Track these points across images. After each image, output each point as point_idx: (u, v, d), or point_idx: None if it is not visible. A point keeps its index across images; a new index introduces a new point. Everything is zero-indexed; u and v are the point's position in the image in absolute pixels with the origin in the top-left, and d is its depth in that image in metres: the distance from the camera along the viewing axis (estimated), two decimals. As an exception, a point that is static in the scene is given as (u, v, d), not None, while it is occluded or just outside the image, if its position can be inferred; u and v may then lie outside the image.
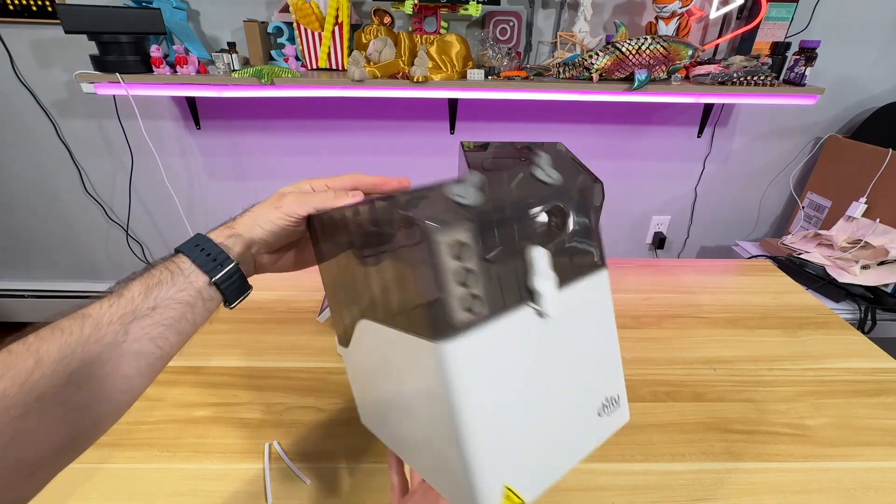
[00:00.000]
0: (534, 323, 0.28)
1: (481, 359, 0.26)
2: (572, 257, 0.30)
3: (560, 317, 0.29)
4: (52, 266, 1.73)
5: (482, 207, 0.26)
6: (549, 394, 0.29)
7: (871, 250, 1.22)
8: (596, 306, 0.32)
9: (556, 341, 0.29)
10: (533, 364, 0.28)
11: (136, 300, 0.29)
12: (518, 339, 0.27)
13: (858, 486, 0.49)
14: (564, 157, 0.31)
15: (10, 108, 1.41)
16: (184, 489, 0.46)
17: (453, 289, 0.24)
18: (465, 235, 0.25)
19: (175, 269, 0.31)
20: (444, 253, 0.24)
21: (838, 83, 1.46)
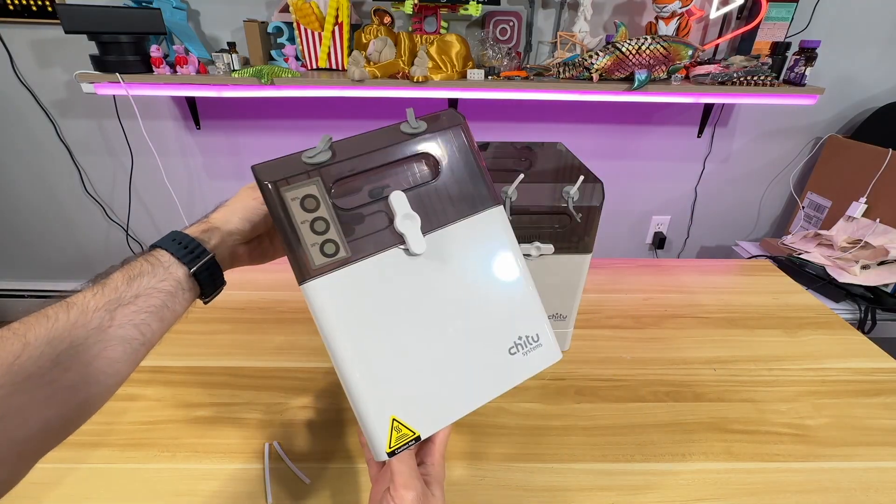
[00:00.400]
0: (405, 262, 0.30)
1: (347, 296, 0.29)
2: (450, 199, 0.32)
3: (435, 256, 0.30)
4: (52, 266, 1.73)
5: (330, 163, 0.29)
6: (438, 332, 0.31)
7: (871, 250, 1.22)
8: (488, 244, 0.33)
9: (440, 281, 0.31)
10: (412, 303, 0.30)
11: (120, 289, 0.30)
12: (388, 277, 0.30)
13: (858, 486, 0.49)
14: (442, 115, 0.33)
15: (10, 108, 1.41)
16: (184, 489, 0.46)
17: (305, 236, 0.29)
18: (310, 189, 0.28)
19: (155, 262, 0.32)
20: (289, 206, 0.28)
21: (838, 83, 1.46)
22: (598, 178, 0.54)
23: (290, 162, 0.30)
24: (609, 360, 0.66)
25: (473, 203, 0.33)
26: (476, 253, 0.32)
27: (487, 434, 0.54)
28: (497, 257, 0.33)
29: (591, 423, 0.56)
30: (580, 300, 0.62)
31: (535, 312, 0.34)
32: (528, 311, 0.34)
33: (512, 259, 0.34)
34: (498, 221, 0.33)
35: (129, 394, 0.58)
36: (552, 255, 0.55)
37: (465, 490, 0.47)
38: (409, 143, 0.31)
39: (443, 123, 0.32)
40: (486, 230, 0.33)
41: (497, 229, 0.33)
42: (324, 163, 0.29)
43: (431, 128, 0.32)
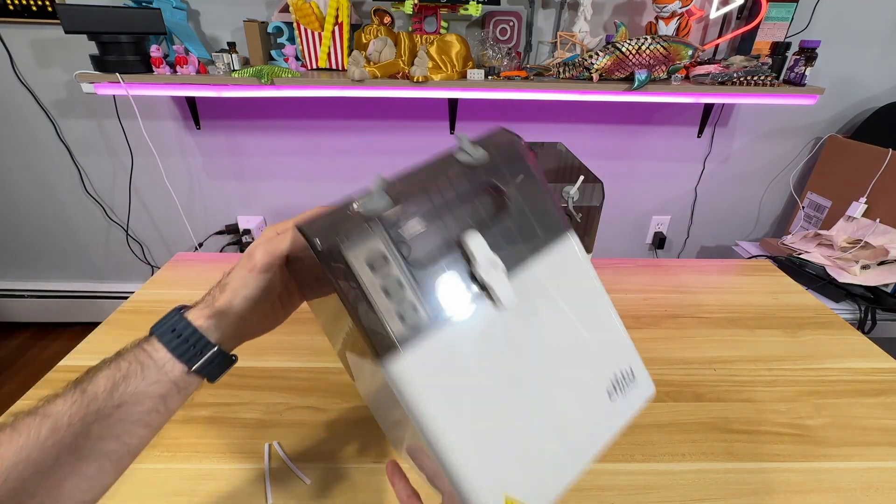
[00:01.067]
0: (493, 317, 0.25)
1: (436, 369, 0.24)
2: (522, 233, 0.27)
3: (523, 302, 0.26)
4: (52, 266, 1.73)
5: (391, 211, 0.24)
6: (538, 390, 0.27)
7: (871, 250, 1.22)
8: (570, 276, 0.29)
9: (530, 330, 0.26)
10: (506, 361, 0.26)
11: (100, 398, 0.27)
12: (477, 338, 0.25)
13: (858, 486, 0.49)
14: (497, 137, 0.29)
15: (10, 108, 1.41)
16: (184, 489, 0.46)
17: (379, 303, 0.23)
18: (375, 244, 0.23)
19: (146, 360, 0.29)
20: (356, 269, 0.22)
21: (838, 83, 1.46)
22: (598, 178, 0.54)
23: (340, 214, 0.24)
24: (609, 360, 0.66)
25: (546, 232, 0.28)
26: (559, 289, 0.28)
27: (487, 434, 0.54)
28: (581, 289, 0.29)
29: (591, 423, 0.55)
30: (580, 300, 0.62)
31: (626, 344, 0.31)
32: (618, 344, 0.31)
33: (596, 288, 0.30)
34: (573, 248, 0.29)
35: (129, 394, 0.58)
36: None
37: (465, 490, 0.47)
38: (473, 175, 0.27)
39: (503, 147, 0.28)
40: (564, 261, 0.29)
41: (574, 257, 0.29)
42: (383, 210, 0.24)
43: (492, 154, 0.27)
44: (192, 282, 0.79)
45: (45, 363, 1.58)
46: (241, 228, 1.64)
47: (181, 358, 0.30)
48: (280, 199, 1.62)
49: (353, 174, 1.60)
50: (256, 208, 1.64)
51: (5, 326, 1.73)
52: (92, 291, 1.74)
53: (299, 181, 1.60)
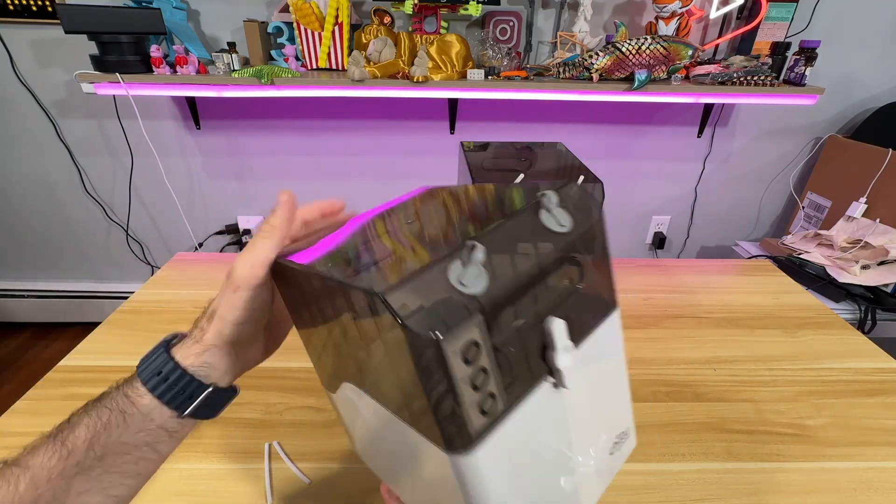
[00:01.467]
0: (552, 397, 0.25)
1: (501, 458, 0.23)
2: (584, 308, 0.26)
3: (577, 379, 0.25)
4: (52, 266, 1.73)
5: (490, 292, 0.21)
6: (569, 457, 0.27)
7: (871, 250, 1.22)
8: (609, 351, 0.29)
9: (573, 405, 0.26)
10: (554, 436, 0.26)
11: (80, 450, 0.25)
12: (538, 421, 0.24)
13: (858, 486, 0.49)
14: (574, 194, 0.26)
15: (10, 108, 1.41)
16: (184, 489, 0.46)
17: (467, 396, 0.20)
18: (475, 334, 0.20)
19: (129, 408, 0.26)
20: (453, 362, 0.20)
21: (838, 83, 1.46)
22: (598, 178, 0.54)
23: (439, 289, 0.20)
24: (609, 360, 0.66)
25: (603, 308, 0.27)
26: (600, 363, 0.28)
27: (487, 434, 0.54)
28: (614, 361, 0.29)
29: (591, 423, 0.55)
30: (580, 300, 0.62)
31: (629, 406, 0.31)
32: (624, 407, 0.31)
33: (622, 358, 0.30)
34: (617, 324, 0.29)
35: (129, 394, 0.57)
36: (552, 255, 0.55)
37: (465, 490, 0.47)
38: (558, 245, 0.24)
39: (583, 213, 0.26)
40: (607, 335, 0.27)
41: (617, 333, 0.29)
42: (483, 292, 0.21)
43: (575, 220, 0.25)
44: (192, 282, 0.79)
45: (45, 363, 1.58)
46: (241, 228, 1.64)
47: (169, 405, 0.27)
48: (280, 199, 1.62)
49: (354, 174, 1.60)
50: (256, 208, 1.64)
51: (5, 326, 1.73)
52: (92, 291, 1.74)
53: (299, 181, 1.60)
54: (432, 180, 1.39)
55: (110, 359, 0.39)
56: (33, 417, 0.54)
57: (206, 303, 0.30)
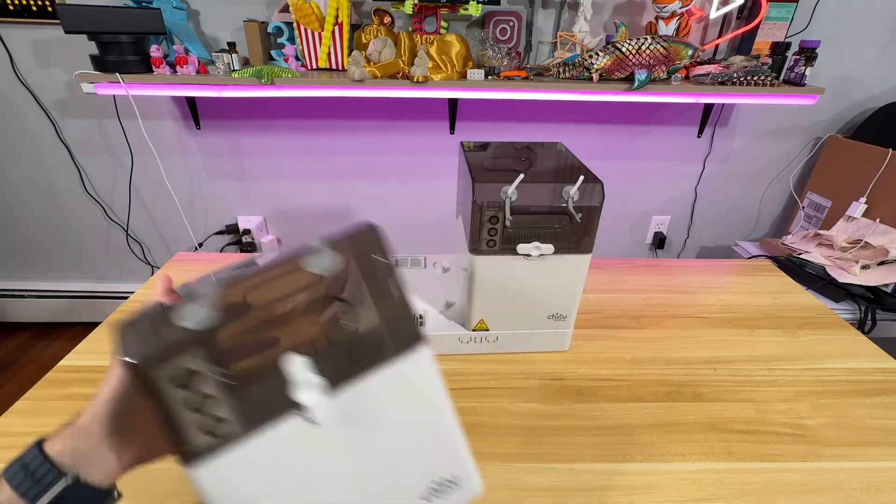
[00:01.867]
0: (308, 431, 0.25)
1: (242, 477, 0.25)
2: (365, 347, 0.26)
3: (344, 419, 0.26)
4: (52, 266, 1.73)
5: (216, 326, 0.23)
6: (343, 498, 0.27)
7: (871, 250, 1.22)
8: (412, 389, 0.28)
9: (348, 443, 0.27)
10: (316, 472, 0.26)
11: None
12: (289, 450, 0.25)
13: (858, 486, 0.49)
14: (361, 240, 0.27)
15: (10, 108, 1.41)
16: (184, 489, 0.46)
17: (184, 417, 0.23)
18: (189, 362, 0.22)
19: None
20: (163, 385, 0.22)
21: (838, 83, 1.46)
22: (598, 178, 0.54)
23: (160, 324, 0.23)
24: (609, 360, 0.66)
25: (396, 345, 0.27)
26: (394, 403, 0.28)
27: (487, 434, 0.54)
28: (418, 406, 0.29)
29: (591, 423, 0.56)
30: (580, 300, 0.62)
31: (457, 452, 0.31)
32: (446, 453, 0.30)
33: (436, 405, 0.29)
34: (423, 363, 0.28)
35: (129, 394, 0.57)
36: (552, 255, 0.55)
37: (465, 490, 0.47)
38: (320, 286, 0.25)
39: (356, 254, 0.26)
40: (411, 373, 0.28)
41: (421, 373, 0.28)
42: (208, 329, 0.23)
43: (342, 263, 0.26)
44: (192, 282, 0.79)
45: (45, 363, 1.58)
46: (241, 228, 1.64)
47: (24, 496, 0.24)
48: (280, 199, 1.62)
49: (353, 174, 1.60)
50: (256, 208, 1.64)
51: (5, 326, 1.73)
52: (92, 291, 1.74)
53: (299, 181, 1.60)
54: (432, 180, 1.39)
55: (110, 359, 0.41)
56: (33, 417, 0.54)
57: None
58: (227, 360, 0.24)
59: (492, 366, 0.64)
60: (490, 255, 0.56)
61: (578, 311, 0.63)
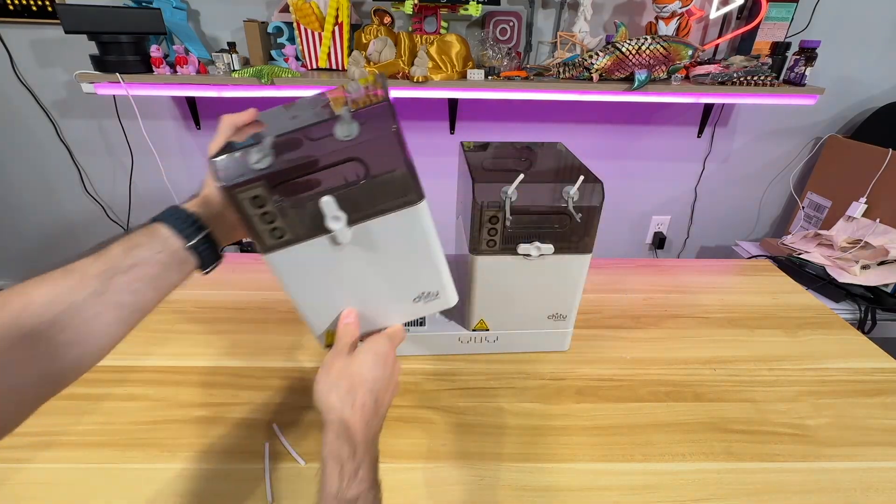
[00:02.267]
0: (333, 247, 0.38)
1: (294, 265, 0.39)
2: (378, 196, 0.37)
3: (360, 241, 0.38)
4: (53, 266, 1.72)
5: (273, 169, 0.33)
6: (360, 288, 0.42)
7: (871, 250, 1.22)
8: (406, 233, 0.39)
9: (361, 257, 0.39)
10: (340, 270, 0.40)
11: (117, 258, 0.32)
12: (321, 255, 0.38)
13: (858, 486, 0.49)
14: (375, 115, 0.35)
15: (10, 108, 1.41)
16: (184, 489, 0.46)
17: (259, 226, 0.35)
18: (257, 191, 0.34)
19: (153, 234, 0.34)
20: (243, 204, 0.34)
21: (838, 83, 1.46)
22: (598, 178, 0.54)
23: (240, 164, 0.34)
24: (609, 360, 0.66)
25: (400, 200, 0.37)
26: (395, 240, 0.39)
27: (487, 434, 0.54)
28: (414, 244, 0.40)
29: (591, 423, 0.56)
30: (580, 300, 0.62)
31: (438, 277, 0.43)
32: (431, 276, 0.43)
33: (427, 244, 0.41)
34: (418, 215, 0.38)
35: (129, 394, 0.58)
36: (552, 255, 0.55)
37: (465, 490, 0.47)
38: (343, 150, 0.34)
39: (376, 127, 0.34)
40: (405, 223, 0.38)
41: (416, 222, 0.39)
42: (266, 169, 0.33)
43: (364, 132, 0.34)
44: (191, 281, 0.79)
45: (45, 363, 1.57)
46: (241, 228, 1.64)
47: (181, 234, 0.35)
48: (280, 199, 1.62)
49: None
50: (256, 208, 1.64)
51: (5, 326, 1.73)
52: (92, 291, 1.74)
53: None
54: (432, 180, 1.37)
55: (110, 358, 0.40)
56: (34, 417, 0.54)
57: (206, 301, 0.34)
58: (282, 192, 0.34)
59: (492, 366, 0.64)
60: (490, 255, 0.56)
61: (578, 311, 0.63)
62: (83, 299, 0.30)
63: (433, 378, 0.62)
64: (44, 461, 0.48)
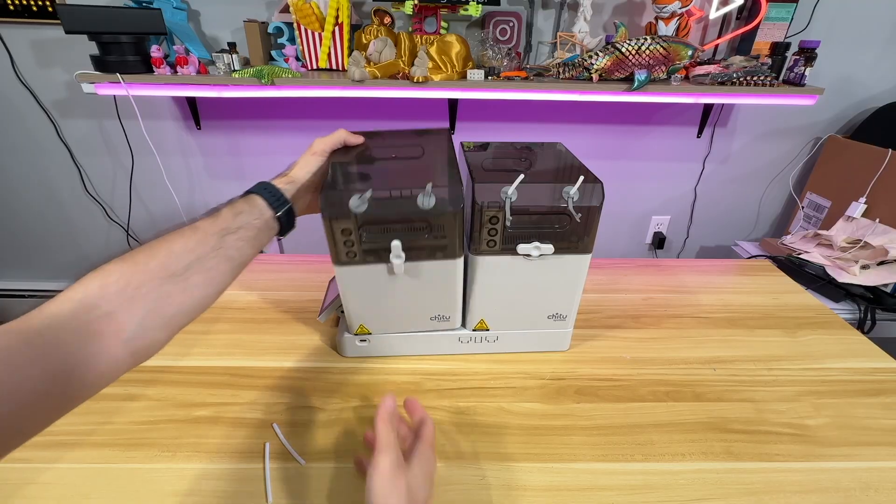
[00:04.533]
0: (391, 273, 0.53)
1: (354, 278, 0.55)
2: (431, 247, 0.53)
3: (406, 274, 0.54)
4: (53, 266, 1.73)
5: (366, 215, 0.49)
6: (399, 304, 0.59)
7: (870, 250, 1.22)
8: (443, 274, 0.56)
9: (404, 282, 0.55)
10: (386, 288, 0.56)
11: (228, 220, 0.41)
12: (376, 276, 0.54)
13: (858, 486, 0.49)
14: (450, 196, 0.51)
15: (10, 108, 1.41)
16: (184, 489, 0.46)
17: (340, 246, 0.52)
18: (348, 224, 0.50)
19: (252, 204, 0.44)
20: (334, 230, 0.51)
21: (838, 83, 1.46)
22: (598, 178, 0.54)
23: (343, 203, 0.49)
24: (609, 360, 0.66)
25: (447, 253, 0.54)
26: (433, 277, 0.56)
27: (487, 434, 0.54)
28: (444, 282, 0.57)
29: (591, 423, 0.56)
30: (580, 300, 0.62)
31: (456, 305, 0.61)
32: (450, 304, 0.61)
33: (452, 284, 0.58)
34: (457, 265, 0.56)
35: (129, 394, 0.58)
36: (552, 255, 0.55)
37: (466, 490, 0.48)
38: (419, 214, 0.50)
39: (449, 203, 0.50)
40: (447, 268, 0.56)
41: (454, 269, 0.56)
42: (361, 214, 0.49)
43: (439, 204, 0.49)
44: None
45: (45, 363, 1.57)
46: (242, 228, 1.64)
47: (272, 206, 0.45)
48: (280, 199, 1.62)
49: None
50: (256, 208, 1.64)
51: (5, 326, 1.73)
52: (92, 291, 1.74)
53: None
54: (432, 180, 1.33)
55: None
56: (34, 417, 0.54)
57: None
58: (366, 230, 0.51)
59: (492, 366, 0.64)
60: (490, 255, 0.56)
61: (578, 311, 0.64)
62: (205, 253, 0.38)
63: (433, 378, 0.62)
64: (44, 461, 0.48)
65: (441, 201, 0.49)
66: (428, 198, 0.48)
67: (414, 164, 0.57)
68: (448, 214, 0.50)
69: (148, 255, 0.35)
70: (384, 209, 0.49)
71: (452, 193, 0.50)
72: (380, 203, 0.48)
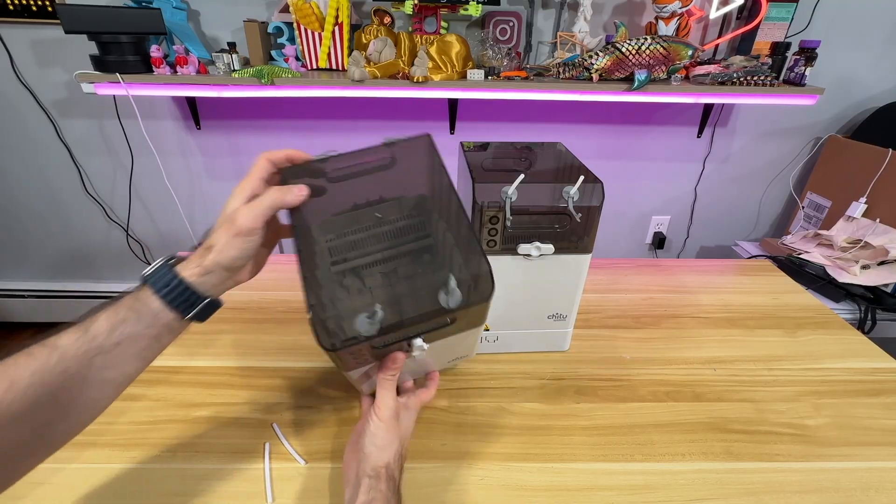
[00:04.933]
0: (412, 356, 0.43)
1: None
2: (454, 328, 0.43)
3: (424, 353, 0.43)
4: (53, 266, 1.73)
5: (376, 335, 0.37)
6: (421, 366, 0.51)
7: (870, 250, 1.22)
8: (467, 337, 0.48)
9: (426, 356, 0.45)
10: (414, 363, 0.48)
11: (101, 336, 0.31)
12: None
13: (858, 486, 0.49)
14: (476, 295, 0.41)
15: (10, 108, 1.41)
16: (184, 489, 0.46)
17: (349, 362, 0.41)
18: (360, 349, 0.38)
19: (142, 308, 0.33)
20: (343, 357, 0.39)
21: (838, 83, 1.46)
22: (598, 178, 0.54)
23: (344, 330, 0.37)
24: (609, 360, 0.66)
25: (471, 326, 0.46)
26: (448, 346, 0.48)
27: (487, 434, 0.54)
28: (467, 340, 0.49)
29: (591, 423, 0.56)
30: (580, 300, 0.62)
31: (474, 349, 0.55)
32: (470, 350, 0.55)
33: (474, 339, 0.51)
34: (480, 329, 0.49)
35: (129, 394, 0.57)
36: (552, 255, 0.55)
37: (466, 490, 0.48)
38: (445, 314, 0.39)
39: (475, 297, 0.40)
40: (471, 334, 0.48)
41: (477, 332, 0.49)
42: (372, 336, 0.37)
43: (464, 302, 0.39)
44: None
45: (45, 363, 1.57)
46: (241, 228, 1.64)
47: (176, 309, 0.34)
48: (280, 199, 1.62)
49: (353, 174, 1.60)
50: (256, 208, 1.64)
51: (5, 326, 1.73)
52: (92, 291, 1.74)
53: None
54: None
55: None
56: (33, 417, 0.54)
57: None
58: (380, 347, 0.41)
59: (492, 366, 0.64)
60: (490, 256, 0.56)
61: (578, 311, 0.63)
62: (63, 381, 0.30)
63: (433, 378, 0.62)
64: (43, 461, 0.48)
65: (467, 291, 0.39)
66: (451, 295, 0.38)
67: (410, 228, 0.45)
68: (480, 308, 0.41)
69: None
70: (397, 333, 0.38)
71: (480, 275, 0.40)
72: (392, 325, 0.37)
